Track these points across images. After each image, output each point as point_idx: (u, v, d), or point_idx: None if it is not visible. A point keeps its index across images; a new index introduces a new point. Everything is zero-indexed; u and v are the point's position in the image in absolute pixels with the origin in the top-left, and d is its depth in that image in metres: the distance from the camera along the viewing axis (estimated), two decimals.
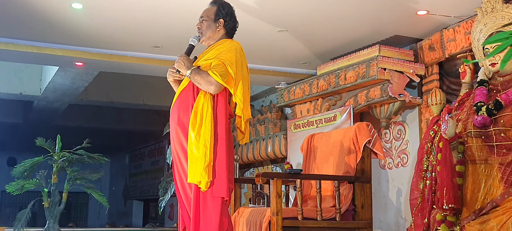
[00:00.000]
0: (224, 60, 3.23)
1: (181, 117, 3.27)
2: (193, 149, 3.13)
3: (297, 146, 5.44)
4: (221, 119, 3.22)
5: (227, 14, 3.43)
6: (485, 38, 3.68)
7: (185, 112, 3.26)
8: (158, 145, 13.22)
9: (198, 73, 3.23)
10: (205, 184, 3.10)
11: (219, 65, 3.22)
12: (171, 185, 6.17)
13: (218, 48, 3.35)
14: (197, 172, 3.09)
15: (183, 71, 3.30)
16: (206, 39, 3.41)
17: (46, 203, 5.52)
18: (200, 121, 3.15)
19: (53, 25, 4.82)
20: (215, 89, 3.19)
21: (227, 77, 3.20)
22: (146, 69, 6.10)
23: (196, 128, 3.14)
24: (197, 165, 3.09)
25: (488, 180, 3.43)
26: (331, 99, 5.46)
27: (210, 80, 3.18)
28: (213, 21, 3.39)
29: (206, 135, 3.12)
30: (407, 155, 5.11)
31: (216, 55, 3.28)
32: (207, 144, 3.11)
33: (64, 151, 5.67)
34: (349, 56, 5.20)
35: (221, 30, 3.41)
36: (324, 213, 3.82)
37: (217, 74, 3.17)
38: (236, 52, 3.30)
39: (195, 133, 3.13)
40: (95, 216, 15.64)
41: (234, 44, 3.36)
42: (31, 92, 8.36)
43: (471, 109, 3.63)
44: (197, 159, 3.10)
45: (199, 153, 3.10)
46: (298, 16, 4.61)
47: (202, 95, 3.21)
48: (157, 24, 4.79)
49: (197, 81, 3.22)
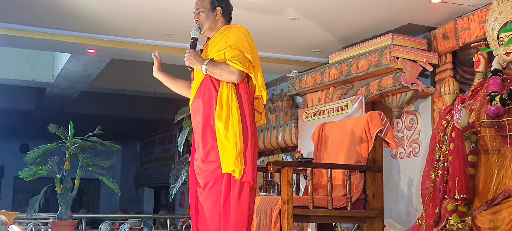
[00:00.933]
0: (239, 48, 3.22)
1: (206, 111, 3.26)
2: (222, 139, 3.15)
3: (308, 135, 5.43)
4: (246, 106, 3.24)
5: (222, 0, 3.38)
6: (500, 27, 3.63)
7: (209, 105, 3.25)
8: (169, 132, 13.28)
9: (215, 65, 3.22)
10: (239, 172, 3.14)
11: (237, 54, 3.21)
12: (182, 173, 6.21)
13: (225, 36, 3.31)
14: (230, 161, 3.12)
15: (197, 66, 3.26)
16: (207, 30, 3.37)
17: (58, 189, 5.56)
18: (227, 111, 3.16)
19: (66, 12, 4.84)
20: (238, 78, 3.19)
21: (247, 64, 3.22)
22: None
23: (223, 118, 3.15)
24: (229, 155, 3.12)
25: (500, 170, 3.41)
26: (343, 88, 5.43)
27: (232, 70, 3.18)
28: (211, 11, 3.33)
29: (234, 124, 3.14)
30: (419, 144, 5.08)
31: (228, 44, 3.26)
32: (237, 132, 3.13)
33: (76, 138, 5.70)
34: (362, 45, 5.16)
35: (220, 18, 3.36)
36: (335, 202, 3.81)
37: (237, 63, 3.17)
38: (245, 37, 3.29)
39: (223, 124, 3.14)
40: (107, 202, 15.78)
41: (241, 29, 3.33)
42: (43, 79, 8.41)
43: (484, 99, 3.60)
44: (228, 148, 3.12)
45: (229, 143, 3.12)
46: (310, 4, 4.58)
47: (224, 86, 3.21)
48: (169, 11, 4.79)
49: (217, 74, 3.21)
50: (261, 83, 3.30)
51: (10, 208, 9.81)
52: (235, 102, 3.18)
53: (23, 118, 12.07)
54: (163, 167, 13.37)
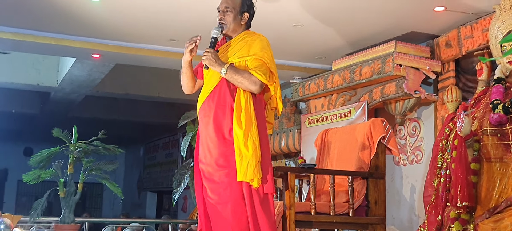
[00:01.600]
0: (263, 58, 3.19)
1: (217, 115, 3.19)
2: (241, 147, 3.09)
3: (311, 141, 5.44)
4: (261, 115, 3.23)
5: (251, 6, 3.35)
6: (503, 35, 3.65)
7: (222, 110, 3.19)
8: (172, 137, 13.30)
9: (237, 72, 3.16)
10: (257, 180, 3.09)
11: (261, 64, 3.18)
12: (185, 177, 6.22)
13: (248, 44, 3.26)
14: (249, 170, 3.06)
15: (216, 68, 3.17)
16: (230, 31, 3.30)
17: (61, 193, 5.58)
18: (247, 118, 3.12)
19: (71, 17, 4.87)
20: (259, 89, 3.16)
21: (268, 76, 3.19)
22: (162, 62, 6.14)
23: (243, 126, 3.10)
24: (249, 163, 3.07)
25: (503, 178, 3.41)
26: (346, 94, 5.45)
27: (255, 80, 3.14)
28: (239, 14, 3.28)
29: (253, 133, 3.10)
30: (422, 151, 5.09)
31: (251, 53, 3.21)
32: (256, 141, 3.10)
33: (80, 142, 5.72)
34: (365, 52, 5.18)
35: (244, 24, 3.33)
36: (337, 208, 3.82)
37: (261, 74, 3.14)
38: (269, 48, 3.27)
39: (242, 131, 3.09)
40: (109, 206, 15.80)
41: (265, 40, 3.30)
42: (48, 83, 8.45)
43: (487, 107, 3.60)
44: (247, 157, 3.07)
45: (249, 152, 3.07)
46: (314, 11, 4.60)
47: (241, 93, 3.16)
48: (174, 17, 4.82)
49: (237, 80, 3.15)
50: (279, 96, 3.29)
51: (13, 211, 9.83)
52: (253, 111, 3.15)
53: (28, 122, 12.11)
54: (166, 172, 13.38)
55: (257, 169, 3.08)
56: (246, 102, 3.15)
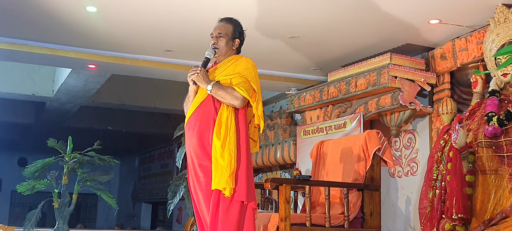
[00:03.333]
0: (247, 76, 3.43)
1: (201, 129, 3.42)
2: (218, 157, 3.30)
3: (306, 152, 5.44)
4: (243, 130, 3.42)
5: (242, 33, 3.61)
6: (497, 48, 3.67)
7: (206, 124, 3.42)
8: (167, 148, 13.27)
9: (221, 88, 3.40)
10: (229, 190, 3.28)
11: (243, 81, 3.42)
12: (180, 188, 6.19)
13: (234, 64, 3.52)
14: (222, 179, 3.26)
15: (203, 85, 3.43)
16: (221, 55, 3.56)
17: (56, 203, 5.56)
18: (225, 132, 3.33)
19: (67, 27, 4.87)
20: (241, 103, 3.38)
21: (251, 92, 3.42)
22: (158, 72, 6.14)
23: (221, 138, 3.32)
24: (222, 173, 3.27)
25: (498, 190, 3.42)
26: (341, 106, 5.46)
27: (237, 95, 3.36)
28: (231, 40, 3.54)
29: (230, 145, 3.30)
30: (417, 163, 5.09)
31: (236, 72, 3.46)
32: (232, 153, 3.29)
33: (75, 152, 5.71)
34: (360, 64, 5.20)
35: (235, 49, 3.59)
36: (333, 220, 3.82)
37: (243, 89, 3.37)
38: (253, 69, 3.51)
39: (220, 143, 3.31)
40: (104, 217, 15.71)
41: (250, 61, 3.55)
42: (43, 93, 8.44)
43: (482, 119, 3.62)
44: (222, 167, 3.28)
45: (224, 162, 3.28)
46: (309, 23, 4.62)
47: (224, 108, 3.39)
48: (170, 28, 4.82)
49: (221, 96, 3.38)
50: (261, 113, 3.48)
51: (6, 222, 9.77)
52: (233, 125, 3.36)
53: (22, 132, 12.08)
54: (161, 183, 13.33)
55: (230, 179, 3.27)
56: (227, 117, 3.37)
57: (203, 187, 3.39)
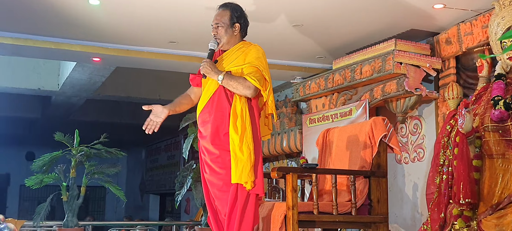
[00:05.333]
0: (258, 66, 3.38)
1: (216, 121, 3.37)
2: (237, 151, 3.27)
3: (312, 141, 5.44)
4: (257, 121, 3.40)
5: (241, 16, 3.51)
6: (502, 32, 3.65)
7: (221, 116, 3.37)
8: (174, 139, 13.30)
9: (232, 78, 3.34)
10: (250, 183, 3.27)
11: (255, 71, 3.36)
12: (188, 179, 6.22)
13: (244, 53, 3.45)
14: (244, 173, 3.24)
15: (213, 77, 3.37)
16: (225, 44, 3.49)
17: (64, 197, 5.60)
18: (242, 125, 3.30)
19: (71, 21, 4.88)
20: (253, 93, 3.33)
21: (262, 82, 3.37)
22: (162, 64, 6.15)
23: (239, 131, 3.28)
24: (244, 167, 3.25)
25: (505, 174, 3.42)
26: (347, 93, 5.45)
27: (249, 85, 3.31)
28: (230, 27, 3.46)
29: (248, 138, 3.28)
30: (424, 149, 5.09)
31: (247, 61, 3.40)
32: (250, 146, 3.27)
33: (82, 146, 5.74)
34: (365, 51, 5.18)
35: (237, 34, 3.50)
36: (340, 208, 3.82)
37: (255, 79, 3.31)
38: (264, 58, 3.45)
39: (238, 136, 3.27)
40: (112, 209, 15.80)
41: (260, 50, 3.48)
42: (49, 87, 8.46)
43: (488, 103, 3.60)
44: (242, 161, 3.25)
45: (244, 156, 3.25)
46: (313, 11, 4.61)
47: (237, 99, 3.34)
48: (173, 19, 4.82)
49: (233, 86, 3.33)
50: (271, 101, 3.45)
51: (16, 216, 9.85)
52: (248, 117, 3.32)
53: (29, 126, 12.13)
54: (169, 174, 13.38)
55: (251, 172, 3.26)
56: (241, 110, 3.33)
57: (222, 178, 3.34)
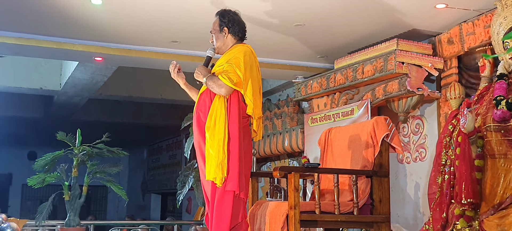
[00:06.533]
0: (233, 64, 3.49)
1: (201, 119, 3.55)
2: (209, 148, 3.41)
3: (314, 140, 5.44)
4: (234, 119, 3.46)
5: (229, 21, 3.64)
6: (504, 32, 3.64)
7: (204, 114, 3.54)
8: (175, 139, 13.31)
9: (211, 79, 3.52)
10: (220, 179, 3.36)
11: (229, 69, 3.49)
12: (189, 179, 6.22)
13: (229, 54, 3.60)
14: (212, 169, 3.37)
15: (201, 79, 3.58)
16: (219, 49, 3.68)
17: (66, 196, 5.60)
18: (214, 121, 3.43)
19: (73, 21, 4.88)
20: (226, 91, 3.45)
21: (236, 80, 3.46)
22: (164, 63, 6.13)
23: (210, 128, 3.42)
24: (212, 163, 3.37)
25: (507, 174, 3.41)
26: (349, 93, 5.45)
27: (220, 84, 3.45)
28: (219, 32, 3.64)
29: (219, 135, 3.38)
30: (425, 149, 5.08)
31: (227, 60, 3.54)
32: (220, 142, 3.37)
33: (84, 145, 5.74)
34: (367, 50, 5.18)
35: (228, 37, 3.64)
36: (342, 207, 3.82)
37: (226, 77, 3.45)
38: (244, 55, 3.53)
39: (210, 133, 3.42)
40: (114, 209, 15.82)
41: (243, 48, 3.58)
42: (51, 87, 8.48)
43: (490, 103, 3.60)
44: (212, 157, 3.38)
45: (213, 152, 3.38)
46: (315, 10, 4.60)
47: (217, 98, 3.49)
48: (175, 19, 4.82)
49: (211, 86, 3.50)
50: (251, 100, 3.49)
51: (18, 215, 9.86)
52: (223, 114, 3.43)
53: (31, 126, 12.14)
54: (170, 173, 13.39)
55: (219, 168, 3.34)
56: (217, 107, 3.45)
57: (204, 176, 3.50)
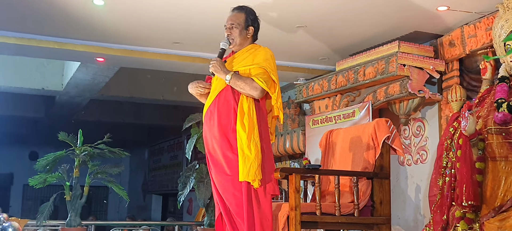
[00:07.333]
0: (266, 68, 3.43)
1: (223, 119, 3.41)
2: (244, 149, 3.30)
3: (315, 142, 5.44)
4: (265, 120, 3.45)
5: (255, 20, 3.59)
6: (506, 34, 3.64)
7: (227, 114, 3.41)
8: (177, 140, 13.32)
9: (240, 78, 3.40)
10: (258, 182, 3.31)
11: (262, 72, 3.41)
12: (190, 180, 6.22)
13: (253, 54, 3.51)
14: (251, 171, 3.28)
15: (221, 75, 3.42)
16: (237, 45, 3.55)
17: (67, 196, 5.60)
18: (250, 123, 3.33)
19: (75, 21, 4.89)
20: (259, 94, 3.38)
21: (270, 83, 3.41)
22: (166, 65, 6.16)
23: (246, 129, 3.32)
24: (251, 165, 3.28)
25: (508, 177, 3.41)
26: (350, 95, 5.45)
27: (256, 86, 3.36)
28: (244, 28, 3.53)
29: (256, 136, 3.32)
30: (427, 151, 5.08)
31: (255, 62, 3.45)
32: (258, 144, 3.31)
33: (86, 145, 5.75)
34: (368, 52, 5.18)
35: (250, 36, 3.58)
36: (343, 209, 3.82)
37: (262, 80, 3.37)
38: (272, 59, 3.50)
39: (246, 134, 3.30)
40: (115, 209, 15.82)
41: (269, 52, 3.53)
42: (53, 87, 8.49)
43: (491, 106, 3.60)
44: (250, 159, 3.29)
45: (251, 154, 3.29)
46: (317, 12, 4.61)
47: (244, 98, 3.39)
48: (177, 20, 4.83)
49: (240, 86, 3.38)
50: (280, 104, 3.48)
51: (19, 215, 9.87)
52: (255, 116, 3.36)
53: (33, 126, 12.16)
54: (171, 174, 13.40)
55: (259, 170, 3.29)
56: (248, 108, 3.36)
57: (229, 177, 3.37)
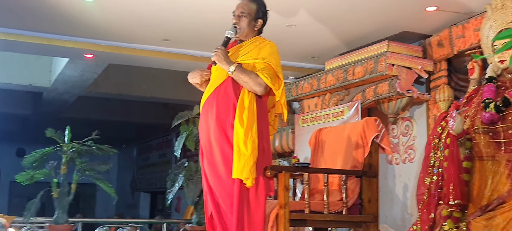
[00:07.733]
0: (271, 63, 3.28)
1: (221, 112, 3.25)
2: (241, 145, 3.14)
3: (304, 140, 5.45)
4: (266, 117, 3.31)
5: (265, 13, 3.44)
6: (494, 34, 3.67)
7: (226, 108, 3.24)
8: (165, 137, 13.28)
9: (244, 72, 3.23)
10: (251, 180, 3.16)
11: (267, 68, 3.27)
12: (179, 178, 6.21)
13: (258, 48, 3.35)
14: (245, 168, 3.13)
15: (224, 66, 3.25)
16: (243, 35, 3.40)
17: (55, 193, 5.58)
18: (249, 118, 3.18)
19: (64, 17, 4.86)
20: (263, 91, 3.23)
21: (275, 80, 3.28)
22: (155, 62, 6.13)
23: (244, 125, 3.15)
24: (246, 162, 3.13)
25: (495, 176, 3.44)
26: (339, 94, 5.47)
27: (260, 82, 3.21)
28: (253, 20, 3.38)
29: (253, 133, 3.17)
30: (414, 150, 5.12)
31: (260, 57, 3.30)
32: (255, 142, 3.16)
33: (74, 142, 5.72)
34: (358, 52, 5.20)
35: (258, 29, 3.43)
36: (331, 207, 3.84)
37: (267, 76, 3.22)
38: (277, 55, 3.36)
39: (244, 130, 3.14)
40: (103, 207, 15.75)
41: (275, 47, 3.39)
42: (40, 83, 8.42)
43: (479, 106, 3.63)
44: (245, 156, 3.13)
45: (247, 151, 3.13)
46: (306, 11, 4.62)
47: (245, 93, 3.23)
48: (167, 17, 4.82)
49: (243, 80, 3.22)
50: (284, 101, 3.36)
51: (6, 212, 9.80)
52: (256, 112, 3.22)
53: (20, 122, 12.07)
54: (160, 172, 13.36)
55: (253, 169, 3.15)
56: (249, 103, 3.21)
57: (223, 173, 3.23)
